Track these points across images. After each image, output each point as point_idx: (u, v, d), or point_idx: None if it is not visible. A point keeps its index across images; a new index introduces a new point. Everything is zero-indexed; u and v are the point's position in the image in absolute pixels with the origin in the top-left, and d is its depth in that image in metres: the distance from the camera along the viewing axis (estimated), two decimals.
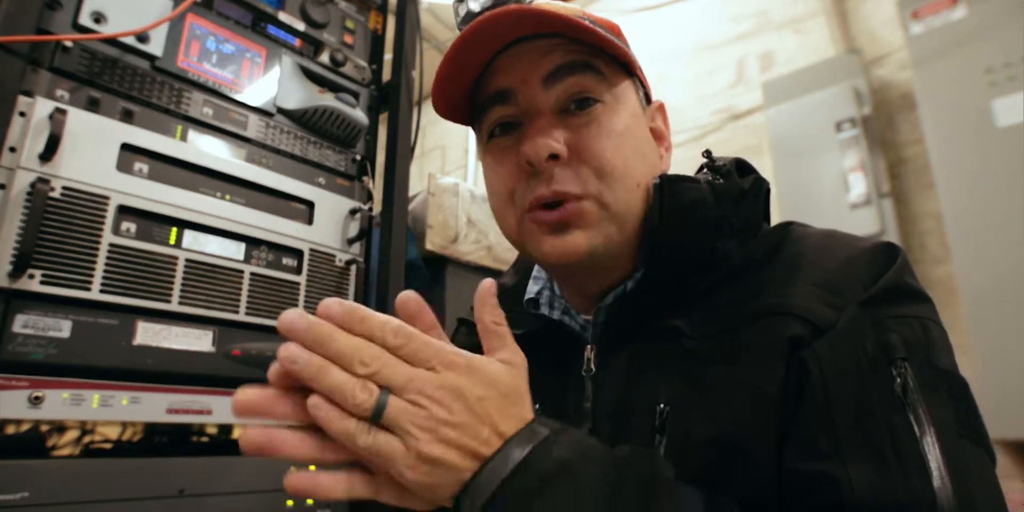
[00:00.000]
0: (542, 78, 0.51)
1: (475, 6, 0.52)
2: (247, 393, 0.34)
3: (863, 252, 0.49)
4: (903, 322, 0.45)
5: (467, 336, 0.69)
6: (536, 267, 0.64)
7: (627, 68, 0.55)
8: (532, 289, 0.62)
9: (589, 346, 0.54)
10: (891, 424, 0.40)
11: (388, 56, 1.21)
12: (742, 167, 0.57)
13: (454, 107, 0.57)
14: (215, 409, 0.82)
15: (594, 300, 0.55)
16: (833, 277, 0.47)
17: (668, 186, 0.51)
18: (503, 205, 0.55)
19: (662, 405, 0.47)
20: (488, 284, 0.41)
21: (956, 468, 0.38)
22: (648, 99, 0.59)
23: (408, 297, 0.40)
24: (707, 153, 0.57)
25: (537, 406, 0.55)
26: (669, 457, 0.45)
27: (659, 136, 0.59)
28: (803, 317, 0.45)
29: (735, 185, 0.53)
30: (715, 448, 0.44)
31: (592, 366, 0.53)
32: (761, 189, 0.55)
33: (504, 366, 0.39)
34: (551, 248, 0.51)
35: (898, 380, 0.41)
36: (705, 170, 0.56)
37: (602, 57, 0.53)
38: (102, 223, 0.75)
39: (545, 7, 0.49)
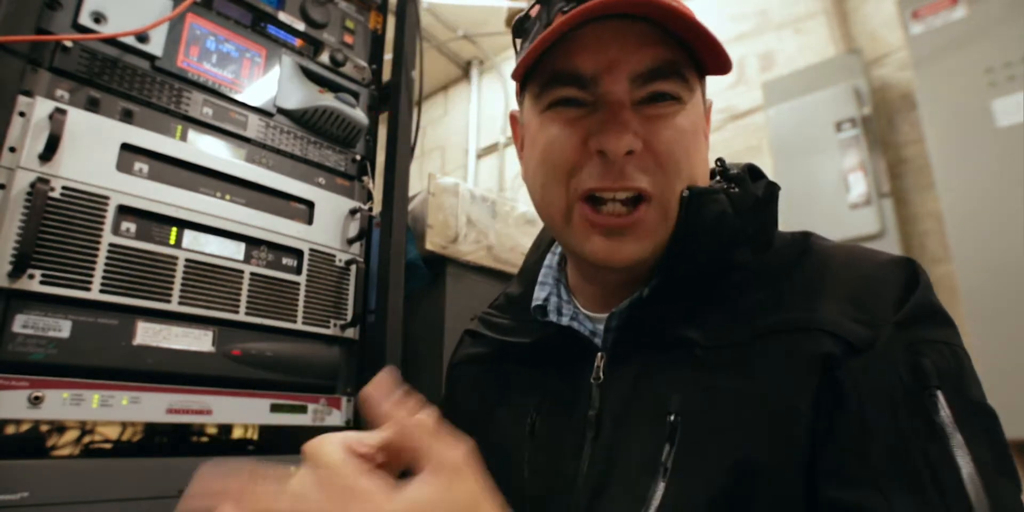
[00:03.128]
0: (630, 76, 0.47)
1: None
2: None
3: (886, 267, 0.48)
4: (934, 347, 0.44)
5: (472, 346, 0.68)
6: (541, 273, 0.62)
7: (701, 71, 0.53)
8: (539, 296, 0.59)
9: (600, 354, 0.53)
10: (928, 455, 0.39)
11: (388, 56, 1.21)
12: (752, 172, 0.56)
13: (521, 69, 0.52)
14: (215, 409, 0.82)
15: (607, 302, 0.54)
16: (859, 292, 0.46)
17: (696, 199, 0.50)
18: (555, 181, 0.50)
19: (673, 415, 0.46)
20: (379, 385, 0.34)
21: (997, 506, 0.38)
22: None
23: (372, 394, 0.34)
24: (720, 161, 0.55)
25: (533, 414, 0.55)
26: (677, 468, 0.44)
27: (705, 135, 0.57)
28: (834, 334, 0.43)
29: (750, 193, 0.52)
30: (735, 462, 0.43)
31: (601, 374, 0.52)
32: (774, 195, 0.54)
33: (438, 485, 0.31)
34: (598, 249, 0.49)
35: (931, 408, 0.41)
36: (718, 178, 0.54)
37: (687, 59, 0.50)
38: (102, 223, 0.75)
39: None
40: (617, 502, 0.46)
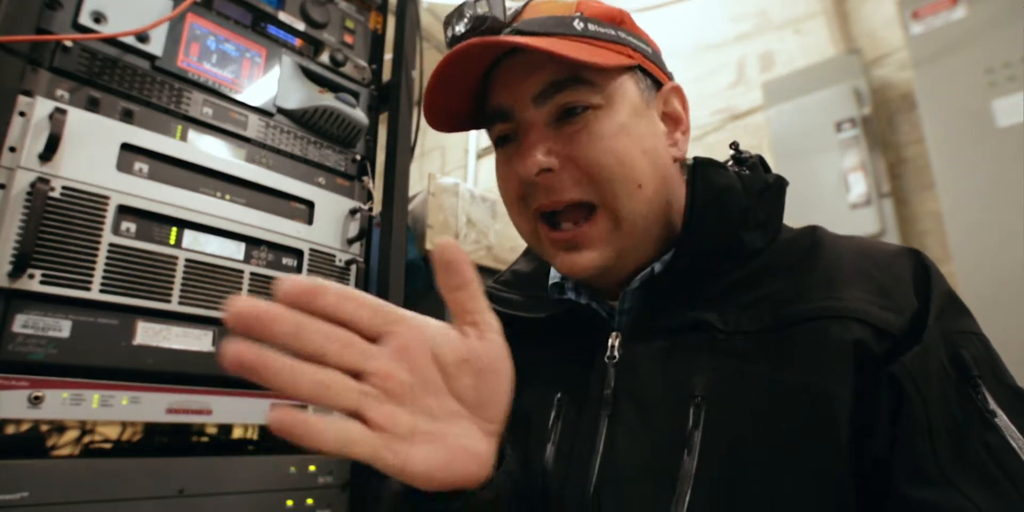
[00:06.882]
0: (531, 98, 0.51)
1: (460, 29, 0.53)
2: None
3: (898, 256, 0.50)
4: (966, 338, 0.45)
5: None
6: None
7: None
8: (556, 274, 0.60)
9: (614, 333, 0.54)
10: (989, 445, 0.40)
11: (388, 56, 1.21)
12: (763, 164, 0.58)
13: (451, 120, 0.57)
14: (215, 409, 0.82)
15: (620, 284, 0.55)
16: (879, 280, 0.47)
17: (701, 169, 0.51)
18: (516, 212, 0.56)
19: (699, 397, 0.46)
20: None
21: None
22: (659, 83, 0.58)
23: (448, 247, 0.37)
24: (734, 145, 0.58)
25: (559, 395, 0.55)
26: (707, 450, 0.45)
27: (675, 119, 0.58)
28: (864, 320, 0.44)
29: (761, 178, 0.54)
30: (770, 444, 0.43)
31: (615, 353, 0.52)
32: (784, 186, 0.56)
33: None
34: (562, 264, 0.53)
35: (979, 398, 0.42)
36: (731, 162, 0.56)
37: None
38: (102, 223, 0.75)
39: (518, 39, 0.49)
40: (637, 482, 0.46)
